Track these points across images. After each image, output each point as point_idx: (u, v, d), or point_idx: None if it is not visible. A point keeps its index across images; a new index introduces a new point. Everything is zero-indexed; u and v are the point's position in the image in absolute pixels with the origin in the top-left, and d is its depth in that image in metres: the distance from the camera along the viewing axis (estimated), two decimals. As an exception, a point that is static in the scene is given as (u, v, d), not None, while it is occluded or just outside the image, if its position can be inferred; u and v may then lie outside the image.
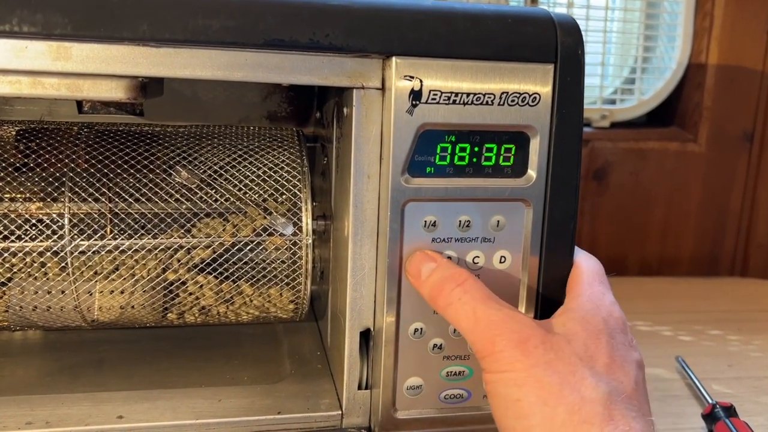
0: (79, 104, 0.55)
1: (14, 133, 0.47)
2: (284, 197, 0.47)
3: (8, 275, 0.44)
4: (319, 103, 0.56)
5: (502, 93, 0.39)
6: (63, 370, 0.48)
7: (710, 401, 0.54)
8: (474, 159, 0.40)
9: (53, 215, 0.44)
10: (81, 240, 0.44)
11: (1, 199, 0.44)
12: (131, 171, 0.46)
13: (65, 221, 0.44)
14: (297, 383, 0.47)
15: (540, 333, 0.35)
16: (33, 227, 0.43)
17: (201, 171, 0.47)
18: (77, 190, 0.44)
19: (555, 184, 0.41)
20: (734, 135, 0.93)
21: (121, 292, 0.46)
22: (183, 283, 0.46)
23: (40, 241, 0.43)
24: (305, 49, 0.37)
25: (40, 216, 0.44)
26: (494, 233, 0.41)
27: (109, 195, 0.45)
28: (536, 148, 0.40)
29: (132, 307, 0.46)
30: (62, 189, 0.44)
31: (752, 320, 0.78)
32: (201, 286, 0.46)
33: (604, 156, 0.91)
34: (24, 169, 0.45)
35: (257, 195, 0.47)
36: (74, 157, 0.45)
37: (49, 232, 0.43)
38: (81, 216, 0.44)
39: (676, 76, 0.92)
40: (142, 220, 0.45)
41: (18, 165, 0.45)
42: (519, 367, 0.34)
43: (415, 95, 0.38)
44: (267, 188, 0.47)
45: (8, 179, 0.45)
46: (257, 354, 0.52)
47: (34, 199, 0.44)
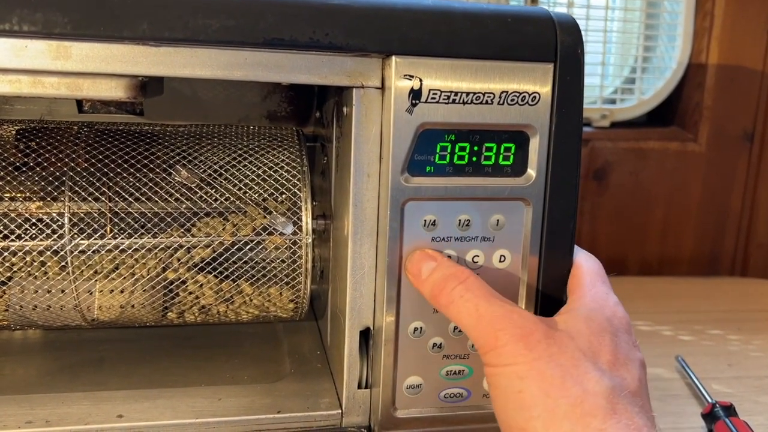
0: (79, 103, 0.55)
1: (14, 133, 0.47)
2: (284, 196, 0.47)
3: (8, 274, 0.44)
4: (319, 103, 0.56)
5: (502, 92, 0.39)
6: (63, 369, 0.48)
7: (710, 401, 0.54)
8: (474, 158, 0.40)
9: (53, 214, 0.44)
10: (81, 239, 0.44)
11: (1, 199, 0.44)
12: (131, 170, 0.46)
13: (65, 220, 0.44)
14: (297, 382, 0.47)
15: (543, 328, 0.35)
16: (33, 226, 0.43)
17: (201, 170, 0.47)
18: (77, 190, 0.44)
19: (555, 184, 0.41)
20: (734, 135, 0.93)
21: (121, 292, 0.46)
22: (183, 283, 0.46)
23: (40, 241, 0.43)
24: (305, 49, 0.37)
25: (40, 215, 0.44)
26: (494, 232, 0.41)
27: (109, 194, 0.45)
28: (536, 148, 0.40)
29: (132, 307, 0.46)
30: (62, 188, 0.44)
31: (752, 320, 0.78)
32: (201, 286, 0.46)
33: (604, 156, 0.91)
34: (24, 169, 0.45)
35: (257, 194, 0.47)
36: (74, 157, 0.46)
37: (49, 232, 0.43)
38: (81, 215, 0.44)
39: (677, 76, 0.92)
40: (142, 220, 0.45)
41: (18, 164, 0.46)
42: (522, 360, 0.34)
43: (415, 94, 0.38)
44: (267, 187, 0.47)
45: (8, 178, 0.45)
46: (257, 353, 0.52)
47: (34, 199, 0.44)
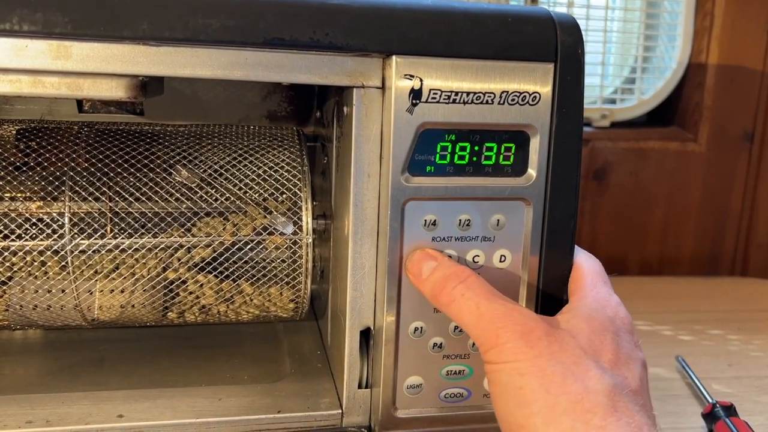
0: (80, 103, 0.55)
1: (14, 132, 0.47)
2: (284, 196, 0.47)
3: (9, 274, 0.44)
4: (319, 103, 0.56)
5: (502, 92, 0.39)
6: (63, 369, 0.48)
7: (710, 400, 0.54)
8: (474, 158, 0.40)
9: (53, 214, 0.44)
10: (81, 239, 0.44)
11: (2, 199, 0.44)
12: (131, 170, 0.46)
13: (65, 220, 0.44)
14: (297, 382, 0.47)
15: (544, 326, 0.35)
16: (33, 226, 0.43)
17: (201, 170, 0.47)
18: (77, 189, 0.44)
19: (555, 184, 0.41)
20: (734, 135, 0.93)
21: (122, 291, 0.46)
22: (183, 282, 0.46)
23: (41, 240, 0.43)
24: (305, 48, 0.37)
25: (41, 215, 0.44)
26: (494, 232, 0.41)
27: (110, 194, 0.45)
28: (536, 148, 0.40)
29: (132, 306, 0.46)
30: (62, 188, 0.44)
31: (752, 320, 0.78)
32: (201, 285, 0.46)
33: (604, 156, 0.91)
34: (24, 169, 0.45)
35: (257, 194, 0.47)
36: (74, 157, 0.46)
37: (50, 231, 0.43)
38: (81, 215, 0.44)
39: (677, 76, 0.92)
40: (143, 219, 0.45)
41: (18, 164, 0.46)
42: (522, 358, 0.34)
43: (415, 94, 0.38)
44: (267, 187, 0.47)
45: (8, 178, 0.45)
46: (257, 353, 0.52)
47: (35, 198, 0.44)
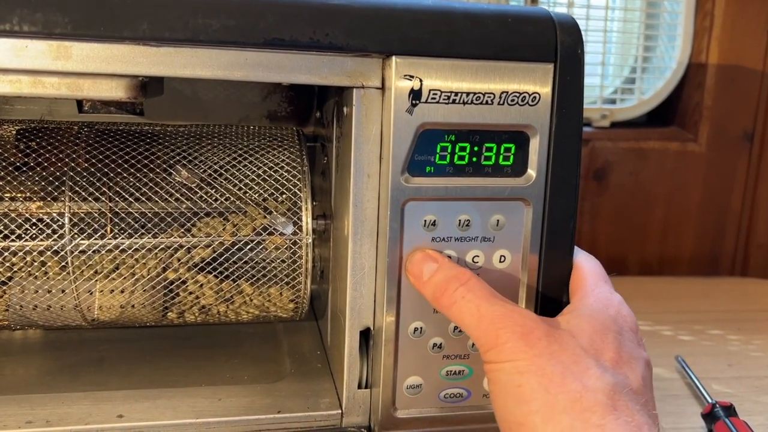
0: (80, 103, 0.55)
1: (14, 133, 0.47)
2: (284, 196, 0.47)
3: (9, 274, 0.44)
4: (319, 103, 0.56)
5: (502, 92, 0.39)
6: (63, 369, 0.48)
7: (710, 401, 0.54)
8: (474, 158, 0.40)
9: (53, 214, 0.44)
10: (81, 239, 0.44)
11: (2, 199, 0.44)
12: (131, 170, 0.46)
13: (65, 220, 0.44)
14: (297, 382, 0.47)
15: (544, 326, 0.35)
16: (33, 226, 0.43)
17: (201, 170, 0.47)
18: (77, 190, 0.44)
19: (555, 184, 0.41)
20: (734, 135, 0.93)
21: (122, 291, 0.46)
22: (183, 283, 0.46)
23: (41, 241, 0.43)
24: (305, 49, 0.37)
25: (41, 215, 0.44)
26: (494, 232, 0.41)
27: (110, 194, 0.45)
28: (536, 148, 0.40)
29: (132, 306, 0.46)
30: (62, 188, 0.44)
31: (752, 320, 0.78)
32: (201, 286, 0.46)
33: (604, 156, 0.91)
34: (24, 169, 0.45)
35: (257, 194, 0.47)
36: (74, 157, 0.46)
37: (50, 232, 0.43)
38: (81, 215, 0.44)
39: (677, 76, 0.92)
40: (143, 220, 0.45)
41: (18, 164, 0.46)
42: (522, 357, 0.34)
43: (415, 95, 0.38)
44: (267, 188, 0.47)
45: (8, 178, 0.45)
46: (257, 353, 0.52)
47: (35, 199, 0.44)
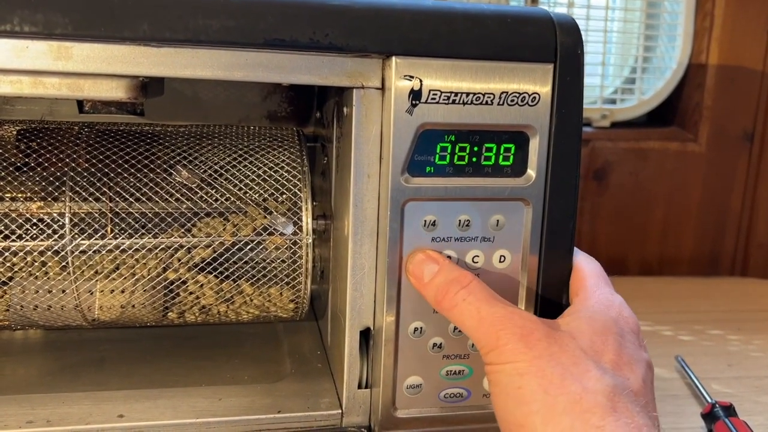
0: (80, 104, 0.55)
1: (15, 133, 0.47)
2: (284, 197, 0.47)
3: (9, 274, 0.44)
4: (319, 103, 0.56)
5: (502, 93, 0.39)
6: (64, 369, 0.48)
7: (710, 401, 0.54)
8: (473, 158, 0.40)
9: (54, 215, 0.44)
10: (82, 239, 0.44)
11: (2, 199, 0.44)
12: (132, 170, 0.46)
13: (66, 221, 0.44)
14: (297, 382, 0.47)
15: (544, 328, 0.36)
16: (34, 226, 0.43)
17: (201, 170, 0.47)
18: (78, 190, 0.44)
19: (554, 184, 0.41)
20: (734, 135, 0.93)
21: (122, 292, 0.46)
22: (183, 283, 0.46)
23: (41, 241, 0.43)
24: (305, 49, 0.37)
25: (41, 215, 0.44)
26: (494, 233, 0.41)
27: (110, 194, 0.45)
28: (536, 148, 0.40)
29: (132, 307, 0.46)
30: (63, 188, 0.44)
31: (752, 320, 0.78)
32: (201, 286, 0.46)
33: (604, 156, 0.91)
34: (25, 169, 0.45)
35: (257, 194, 0.47)
36: (75, 157, 0.46)
37: (50, 232, 0.43)
38: (82, 215, 0.44)
39: (677, 76, 0.93)
40: (143, 220, 0.45)
41: (19, 164, 0.46)
42: (522, 358, 0.34)
43: (415, 95, 0.38)
44: (267, 188, 0.47)
45: (9, 179, 0.45)
46: (257, 353, 0.52)
47: (35, 199, 0.44)
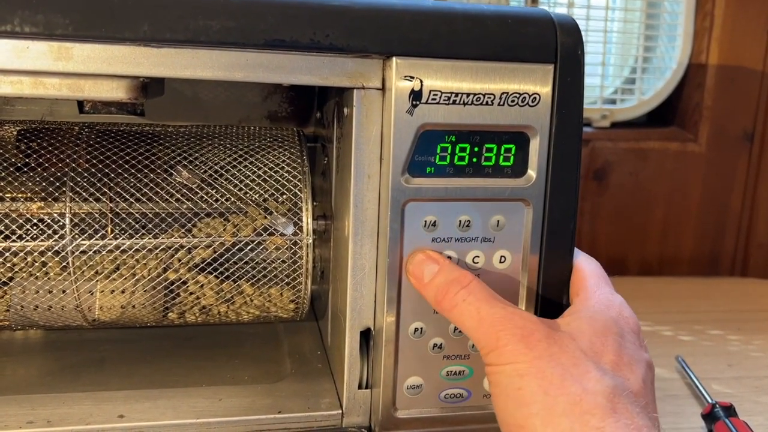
0: (80, 104, 0.55)
1: (15, 133, 0.47)
2: (285, 197, 0.47)
3: (10, 275, 0.44)
4: (320, 103, 0.56)
5: (502, 93, 0.39)
6: (64, 370, 0.48)
7: (710, 401, 0.54)
8: (474, 159, 0.40)
9: (54, 215, 0.44)
10: (82, 239, 0.44)
11: (3, 199, 0.44)
12: (132, 171, 0.46)
13: (66, 221, 0.44)
14: (297, 383, 0.47)
15: (544, 329, 0.36)
16: (34, 227, 0.43)
17: (202, 171, 0.47)
18: (78, 190, 0.44)
19: (555, 184, 0.41)
20: (734, 135, 0.93)
21: (122, 292, 0.46)
22: (184, 283, 0.46)
23: (42, 241, 0.43)
24: (306, 50, 0.37)
25: (42, 216, 0.44)
26: (494, 233, 0.41)
27: (110, 195, 0.45)
28: (536, 148, 0.40)
29: (133, 307, 0.46)
30: (63, 189, 0.44)
31: (752, 320, 0.78)
32: (202, 286, 0.47)
33: (604, 156, 0.91)
34: (25, 169, 0.45)
35: (258, 195, 0.47)
36: (75, 157, 0.46)
37: (51, 232, 0.43)
38: (82, 216, 0.44)
39: (677, 76, 0.93)
40: (143, 220, 0.45)
41: (19, 165, 0.46)
42: (522, 359, 0.34)
43: (416, 95, 0.38)
44: (267, 188, 0.47)
45: (9, 179, 0.45)
46: (258, 353, 0.52)
47: (36, 199, 0.44)
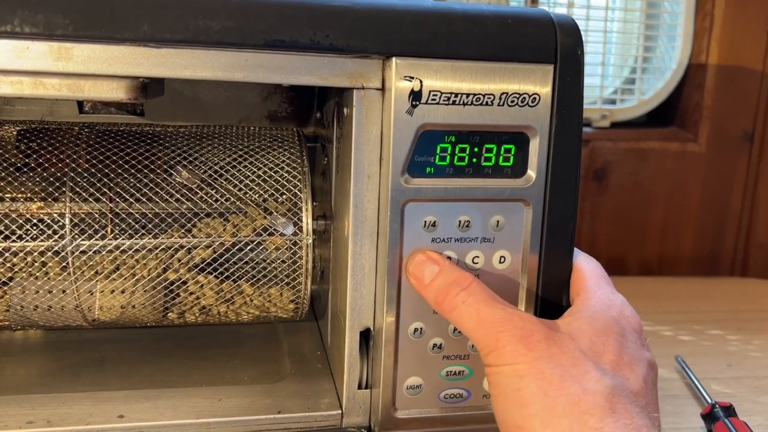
0: (80, 104, 0.55)
1: (15, 133, 0.47)
2: (284, 197, 0.47)
3: (9, 275, 0.44)
4: (320, 104, 0.56)
5: (502, 93, 0.39)
6: (64, 370, 0.49)
7: (709, 401, 0.54)
8: (474, 159, 0.40)
9: (54, 215, 0.44)
10: (82, 240, 0.44)
11: (3, 199, 0.44)
12: (132, 171, 0.46)
13: (66, 221, 0.44)
14: (297, 383, 0.47)
15: (543, 329, 0.36)
16: (34, 227, 0.43)
17: (201, 171, 0.47)
18: (78, 190, 0.44)
19: (554, 185, 0.41)
20: (734, 135, 0.93)
21: (122, 292, 0.46)
22: (184, 283, 0.46)
23: (42, 241, 0.43)
24: (305, 50, 0.37)
25: (41, 216, 0.44)
26: (494, 233, 0.41)
27: (110, 195, 0.45)
28: (536, 149, 0.40)
29: (133, 307, 0.46)
30: (63, 189, 0.44)
31: (752, 320, 0.78)
32: (201, 286, 0.47)
33: (604, 156, 0.91)
34: (25, 169, 0.46)
35: (258, 195, 0.47)
36: (75, 157, 0.46)
37: (50, 232, 0.43)
38: (82, 216, 0.44)
39: (677, 76, 0.93)
40: (143, 220, 0.45)
41: (19, 165, 0.46)
42: (522, 360, 0.34)
43: (415, 96, 0.38)
44: (267, 188, 0.47)
45: (9, 179, 0.45)
46: (257, 353, 0.52)
47: (35, 199, 0.44)
